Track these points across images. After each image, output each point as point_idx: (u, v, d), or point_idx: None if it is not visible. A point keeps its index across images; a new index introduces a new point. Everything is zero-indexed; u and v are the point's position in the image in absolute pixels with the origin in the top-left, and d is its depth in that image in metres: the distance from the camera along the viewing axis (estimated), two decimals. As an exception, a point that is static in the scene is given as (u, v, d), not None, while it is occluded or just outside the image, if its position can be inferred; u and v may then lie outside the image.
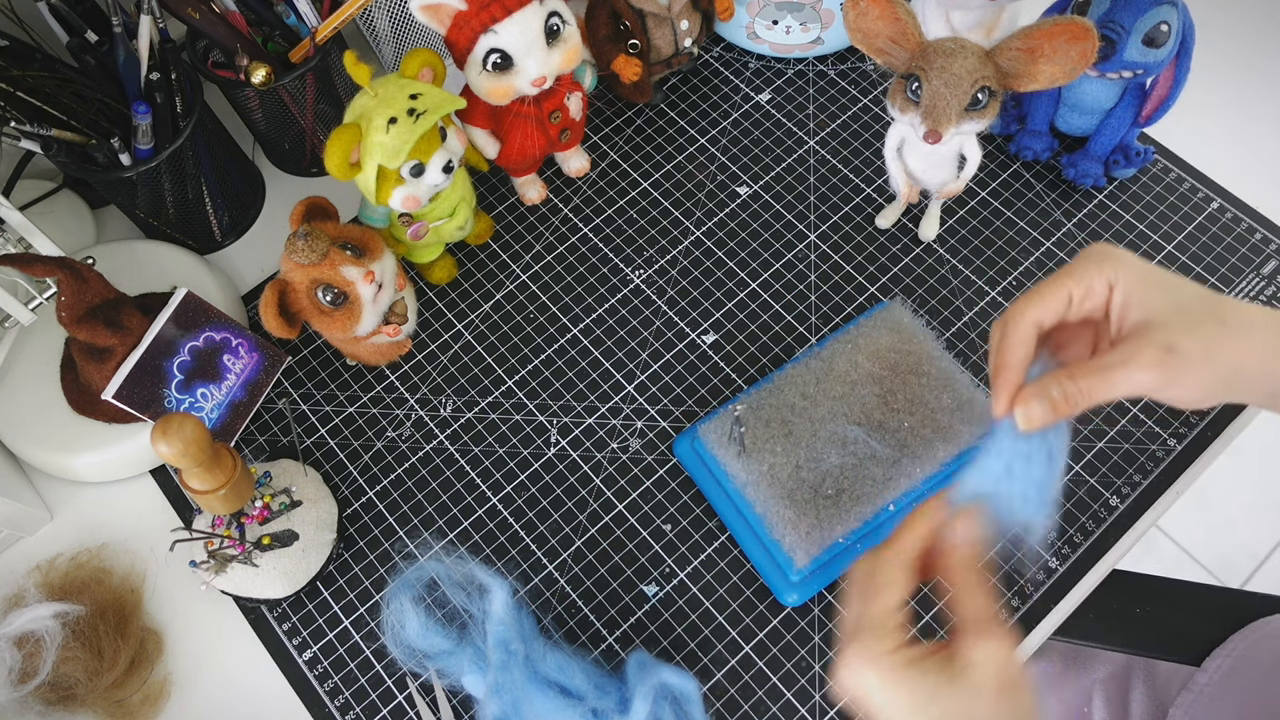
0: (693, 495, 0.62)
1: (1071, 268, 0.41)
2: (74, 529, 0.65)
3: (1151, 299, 0.40)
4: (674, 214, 0.74)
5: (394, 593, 0.52)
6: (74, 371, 0.64)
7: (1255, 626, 0.68)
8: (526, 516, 0.62)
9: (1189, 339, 0.39)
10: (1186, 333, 0.39)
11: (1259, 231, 0.70)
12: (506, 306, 0.71)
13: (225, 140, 0.74)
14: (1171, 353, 0.39)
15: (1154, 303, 0.40)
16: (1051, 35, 0.52)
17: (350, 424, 0.66)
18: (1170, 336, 0.39)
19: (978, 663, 0.38)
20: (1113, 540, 0.60)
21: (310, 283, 0.57)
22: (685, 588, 0.59)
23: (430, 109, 0.57)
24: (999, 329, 0.42)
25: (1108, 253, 0.41)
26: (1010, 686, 0.37)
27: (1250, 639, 0.67)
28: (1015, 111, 0.74)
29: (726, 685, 0.56)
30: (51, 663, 0.55)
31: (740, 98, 0.80)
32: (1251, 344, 0.40)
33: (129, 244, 0.71)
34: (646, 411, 0.66)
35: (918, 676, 0.38)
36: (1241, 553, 1.43)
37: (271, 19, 0.69)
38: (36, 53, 0.64)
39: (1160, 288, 0.41)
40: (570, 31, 0.63)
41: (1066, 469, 0.62)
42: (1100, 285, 0.41)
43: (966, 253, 0.70)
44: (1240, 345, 0.40)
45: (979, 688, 0.37)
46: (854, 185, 0.74)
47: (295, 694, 0.58)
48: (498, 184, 0.76)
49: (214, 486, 0.51)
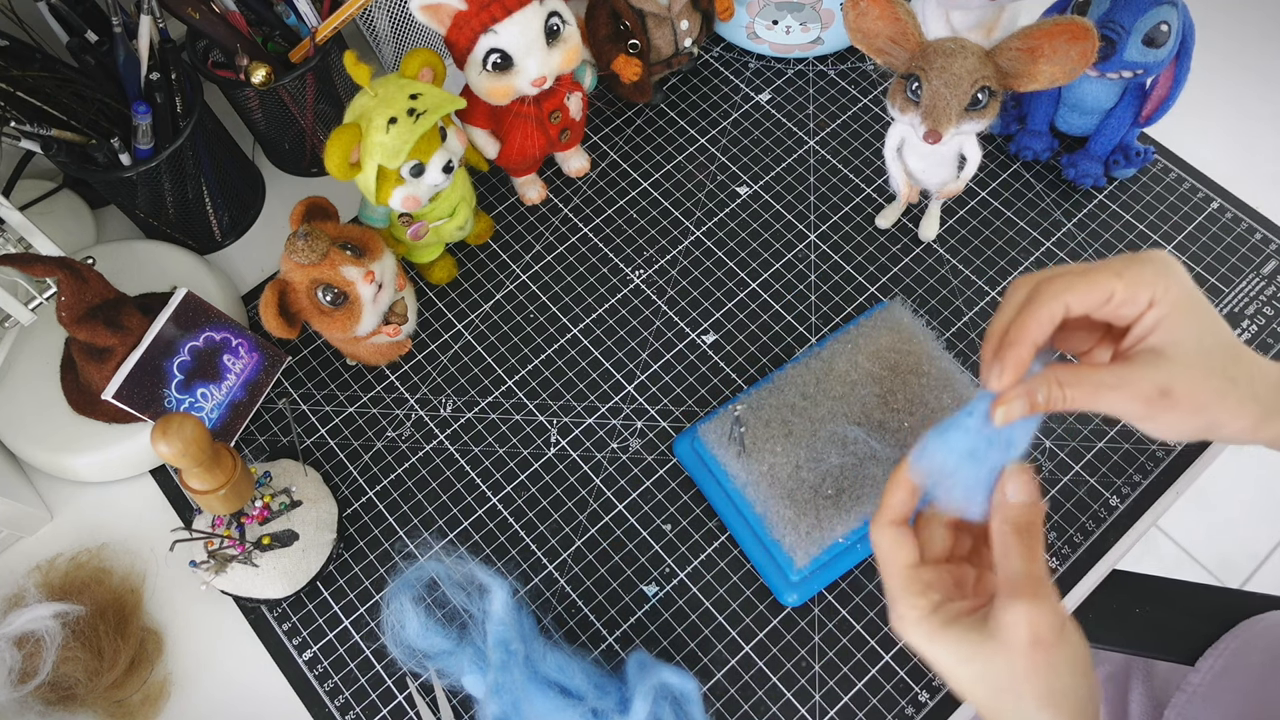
0: (693, 495, 0.62)
1: (1123, 268, 0.39)
2: (74, 529, 0.65)
3: (1180, 330, 0.39)
4: (674, 214, 0.74)
5: (394, 593, 0.52)
6: (74, 371, 0.64)
7: (1246, 625, 0.68)
8: (526, 516, 0.62)
9: (1189, 388, 0.39)
10: (1190, 382, 0.39)
11: (1259, 231, 0.70)
12: (506, 306, 0.71)
13: (225, 140, 0.74)
14: (1166, 396, 0.39)
15: (1179, 334, 0.39)
16: (1051, 35, 0.52)
17: (350, 424, 0.66)
18: (1172, 379, 0.39)
19: (1008, 623, 0.38)
20: (1113, 540, 0.60)
21: (310, 283, 0.57)
22: (685, 588, 0.59)
23: (430, 109, 0.57)
24: (1023, 291, 0.41)
25: (1165, 266, 0.40)
26: (1044, 644, 0.37)
27: (1242, 637, 0.67)
28: (1015, 111, 0.74)
29: (726, 685, 0.56)
30: (51, 663, 0.55)
31: (740, 98, 0.80)
32: (1246, 411, 0.40)
33: (129, 244, 0.71)
34: (646, 411, 0.66)
35: (955, 636, 0.39)
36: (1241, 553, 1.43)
37: (271, 19, 0.69)
38: (36, 53, 0.64)
39: (1194, 321, 0.39)
40: (570, 31, 0.63)
41: (1066, 469, 0.62)
42: (1144, 297, 0.39)
43: (966, 253, 0.70)
44: (1235, 409, 0.39)
45: (1011, 646, 0.37)
46: (854, 185, 0.74)
47: (295, 694, 0.58)
48: (498, 184, 0.76)
49: (214, 486, 0.51)
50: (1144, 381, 0.39)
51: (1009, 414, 0.40)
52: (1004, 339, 0.41)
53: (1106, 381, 0.39)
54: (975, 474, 0.41)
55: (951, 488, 0.41)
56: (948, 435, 0.41)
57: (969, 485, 0.41)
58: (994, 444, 0.41)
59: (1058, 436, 0.63)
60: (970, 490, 0.41)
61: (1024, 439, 0.41)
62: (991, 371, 0.41)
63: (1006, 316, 0.41)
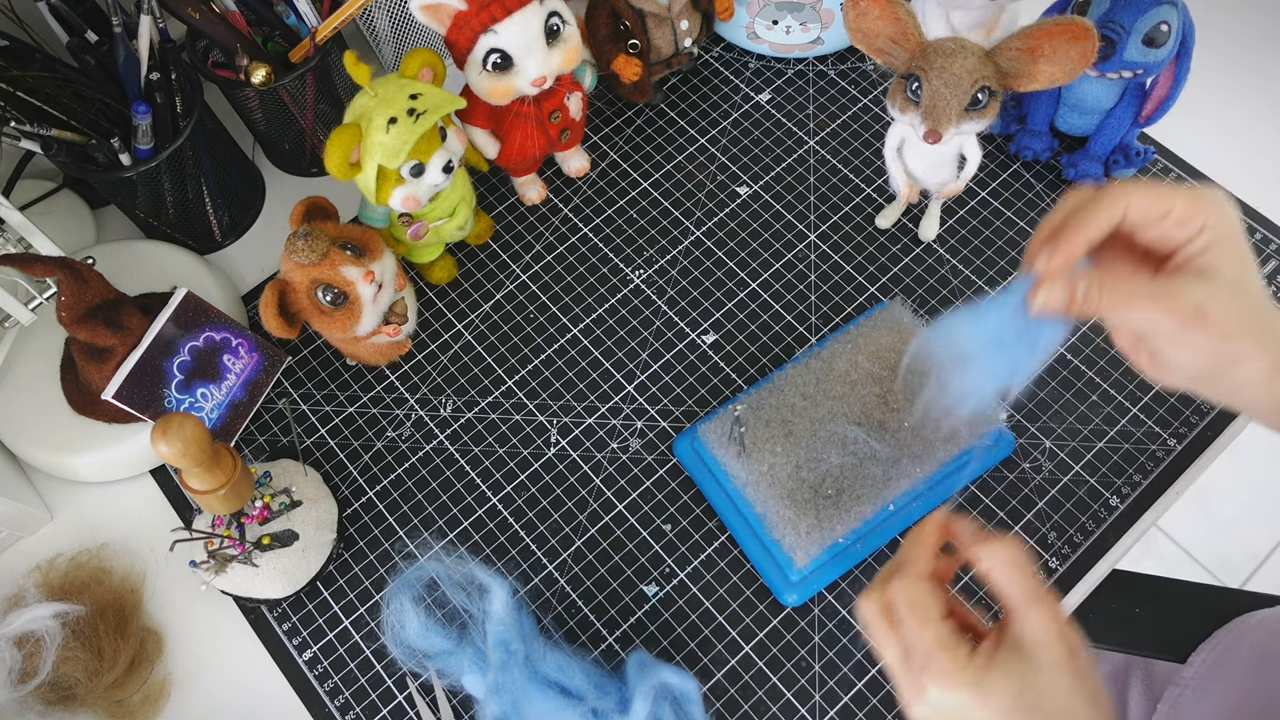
0: (693, 495, 0.62)
1: (1185, 191, 0.40)
2: (74, 529, 0.65)
3: (1224, 260, 0.39)
4: (674, 214, 0.74)
5: (394, 593, 0.53)
6: (74, 371, 0.64)
7: (1239, 621, 0.69)
8: (526, 516, 0.62)
9: (1223, 313, 0.39)
10: (1225, 307, 0.39)
11: (1259, 231, 0.70)
12: (506, 306, 0.71)
13: (225, 140, 0.74)
14: (1200, 316, 0.38)
15: (1223, 264, 0.39)
16: (1051, 35, 0.52)
17: (350, 424, 0.66)
18: (1210, 300, 0.39)
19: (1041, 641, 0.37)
20: (1113, 540, 0.60)
21: (310, 283, 0.57)
22: (685, 588, 0.59)
23: (430, 109, 0.57)
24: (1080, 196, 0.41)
25: (1222, 200, 0.40)
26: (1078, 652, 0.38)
27: (1234, 632, 0.68)
28: (1015, 111, 0.74)
29: (726, 685, 0.56)
30: (51, 663, 0.55)
31: (740, 98, 0.80)
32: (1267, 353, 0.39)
33: (129, 244, 0.71)
34: (646, 411, 0.66)
35: (1002, 672, 0.38)
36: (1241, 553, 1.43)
37: (271, 19, 0.69)
38: (36, 53, 0.64)
39: (1237, 257, 0.40)
40: (570, 31, 0.63)
41: (1066, 469, 0.62)
42: (1198, 221, 0.39)
43: (966, 253, 0.70)
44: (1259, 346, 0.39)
45: (1055, 663, 0.37)
46: (854, 185, 0.74)
47: (295, 694, 0.58)
48: (498, 184, 0.76)
49: (214, 486, 0.51)
50: (1183, 296, 0.39)
51: (1048, 298, 0.39)
52: (1058, 231, 0.40)
53: (1146, 291, 0.39)
54: (990, 365, 0.40)
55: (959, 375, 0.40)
56: (980, 315, 0.40)
57: (978, 376, 0.40)
58: (1020, 338, 0.40)
59: (1058, 437, 0.63)
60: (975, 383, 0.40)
61: (1048, 344, 0.40)
62: (1040, 255, 0.40)
63: (1060, 216, 0.41)
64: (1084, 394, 0.64)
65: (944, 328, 0.41)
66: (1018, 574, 0.39)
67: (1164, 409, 0.63)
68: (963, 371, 0.40)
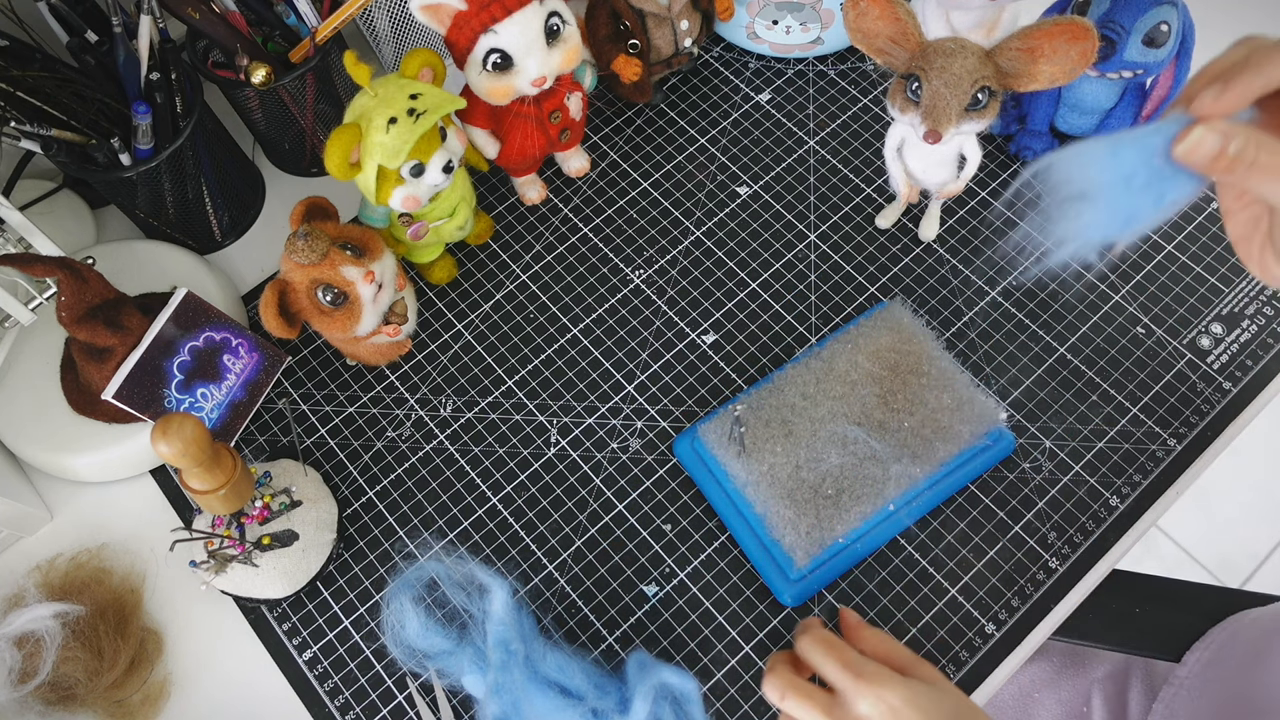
0: (693, 495, 0.62)
1: None
2: (74, 529, 0.65)
3: None
4: (674, 214, 0.74)
5: (394, 593, 0.53)
6: (74, 371, 0.64)
7: (1232, 619, 0.69)
8: (526, 516, 0.62)
9: None
10: None
11: (1259, 231, 0.70)
12: (506, 306, 0.71)
13: (225, 140, 0.74)
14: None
15: None
16: (1051, 35, 0.52)
17: (350, 424, 0.66)
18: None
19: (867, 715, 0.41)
20: (1113, 540, 0.60)
21: (310, 283, 0.57)
22: (685, 588, 0.59)
23: (430, 109, 0.57)
24: (1265, 41, 0.37)
25: None
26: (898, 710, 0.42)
27: (1228, 630, 0.68)
28: (1015, 111, 0.74)
29: (726, 685, 0.56)
30: (51, 663, 0.55)
31: (740, 98, 0.80)
32: None
33: (129, 244, 0.71)
34: (646, 411, 0.66)
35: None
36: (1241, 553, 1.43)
37: (271, 19, 0.69)
38: (36, 53, 0.64)
39: None
40: (570, 31, 0.63)
41: (1066, 469, 0.62)
42: None
43: (966, 253, 0.70)
44: None
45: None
46: (854, 185, 0.74)
47: (295, 694, 0.58)
48: (498, 184, 0.76)
49: (214, 486, 0.51)
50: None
51: (1199, 144, 0.35)
52: (1229, 70, 0.36)
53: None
54: (1109, 206, 0.36)
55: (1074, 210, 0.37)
56: (1118, 147, 0.36)
57: (1093, 216, 0.36)
58: (1151, 183, 0.36)
59: (1058, 437, 0.63)
60: (1087, 224, 0.36)
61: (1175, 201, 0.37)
62: (1205, 93, 0.36)
63: (1237, 54, 0.37)
64: (1084, 394, 0.64)
65: (1076, 152, 0.37)
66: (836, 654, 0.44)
67: (1164, 409, 0.63)
68: (1079, 207, 0.37)
